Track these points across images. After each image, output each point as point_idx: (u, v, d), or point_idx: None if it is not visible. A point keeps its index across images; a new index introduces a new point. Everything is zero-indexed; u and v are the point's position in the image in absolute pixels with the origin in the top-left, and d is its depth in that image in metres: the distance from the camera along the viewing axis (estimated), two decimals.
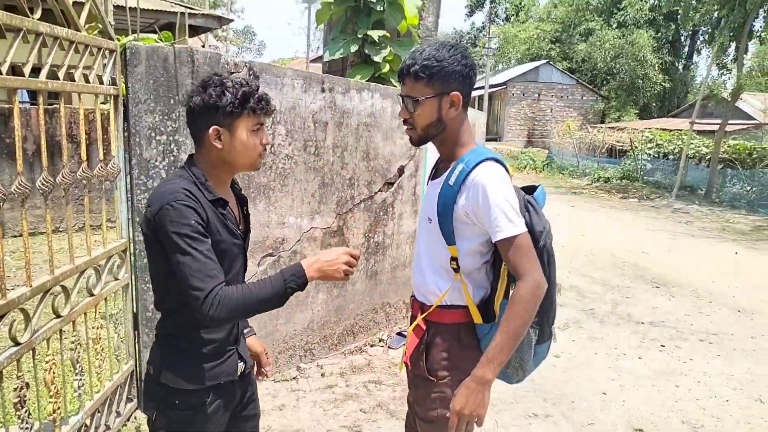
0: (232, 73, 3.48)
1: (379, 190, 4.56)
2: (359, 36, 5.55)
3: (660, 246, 9.34)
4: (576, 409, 3.76)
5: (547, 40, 37.95)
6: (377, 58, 5.50)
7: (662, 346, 4.95)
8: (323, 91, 4.03)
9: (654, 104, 34.57)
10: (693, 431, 3.56)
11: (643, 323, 5.51)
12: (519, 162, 23.68)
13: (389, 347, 4.55)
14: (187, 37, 12.28)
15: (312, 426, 3.41)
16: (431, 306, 1.94)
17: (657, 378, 4.29)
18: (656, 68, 32.49)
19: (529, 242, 1.75)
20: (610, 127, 25.54)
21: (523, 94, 35.84)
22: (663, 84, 33.10)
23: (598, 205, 14.29)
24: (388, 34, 5.60)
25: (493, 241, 1.76)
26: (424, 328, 1.96)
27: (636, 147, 19.55)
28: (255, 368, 2.13)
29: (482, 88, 33.94)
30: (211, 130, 1.64)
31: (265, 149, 1.75)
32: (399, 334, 4.74)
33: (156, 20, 11.71)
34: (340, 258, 1.69)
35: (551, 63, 36.30)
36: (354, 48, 5.59)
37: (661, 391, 4.07)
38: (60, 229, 7.20)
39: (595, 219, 11.97)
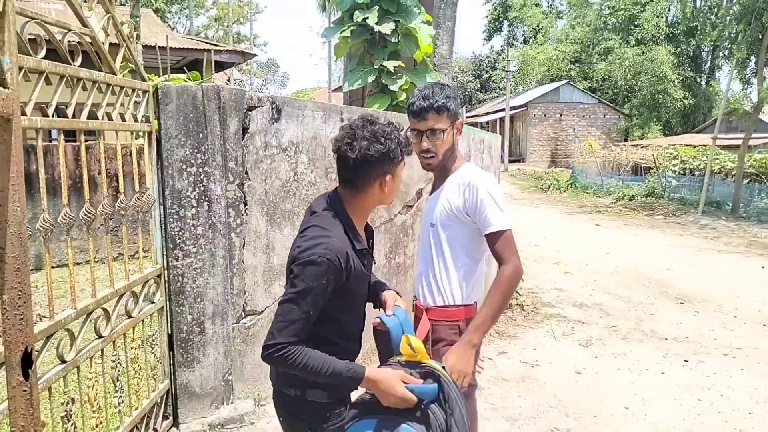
0: (253, 107, 3.70)
1: (399, 213, 4.73)
2: (376, 67, 5.79)
3: (685, 262, 9.31)
4: (598, 424, 3.82)
5: (566, 60, 38.10)
6: (394, 87, 5.73)
7: (685, 361, 4.97)
8: (342, 120, 4.24)
9: (677, 120, 34.31)
10: None
11: (666, 339, 5.54)
12: (543, 183, 23.69)
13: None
14: (213, 74, 12.75)
15: None
16: (434, 306, 2.16)
17: (680, 392, 4.32)
18: (677, 84, 32.31)
19: (512, 237, 2.12)
20: (633, 145, 25.44)
21: (545, 115, 35.95)
22: (685, 100, 32.90)
23: (623, 223, 14.24)
24: (403, 64, 5.83)
25: (484, 233, 2.10)
26: (429, 326, 2.13)
27: (660, 164, 19.44)
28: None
29: (503, 110, 34.14)
30: (386, 178, 1.78)
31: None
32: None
33: (183, 57, 12.20)
34: (396, 394, 1.71)
35: (572, 83, 36.42)
36: (371, 78, 5.83)
37: (684, 405, 4.10)
38: (98, 259, 7.50)
39: (620, 237, 11.95)
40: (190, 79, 3.71)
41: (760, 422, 3.86)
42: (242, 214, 3.70)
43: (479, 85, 50.77)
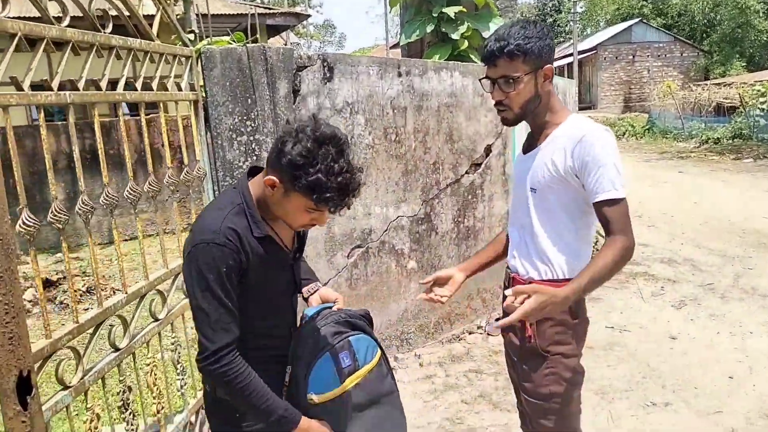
0: (303, 66, 3.42)
1: (466, 173, 4.38)
2: (434, 15, 5.37)
3: None
4: (700, 396, 3.43)
5: None
6: (455, 36, 5.30)
7: None
8: (400, 75, 3.91)
9: (762, 55, 31.59)
10: None
11: None
12: (616, 129, 22.45)
13: (488, 334, 4.38)
14: (263, 37, 12.54)
15: (413, 418, 3.33)
16: (540, 280, 1.84)
17: None
18: (761, 15, 29.60)
19: (628, 206, 1.73)
20: (715, 84, 23.61)
21: (616, 57, 33.96)
22: None
23: (709, 168, 13.22)
24: (464, 9, 5.38)
25: (594, 200, 1.71)
26: None
27: (747, 102, 17.92)
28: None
29: (570, 55, 32.46)
30: (267, 178, 1.49)
31: (313, 226, 1.61)
32: (497, 320, 4.56)
33: (238, 24, 12.05)
34: None
35: (645, 21, 34.11)
36: (430, 28, 5.42)
37: None
38: (148, 234, 7.58)
39: (707, 184, 11.07)
40: (234, 41, 3.46)
41: None
42: None
43: None
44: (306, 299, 1.86)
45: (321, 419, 1.61)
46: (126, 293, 2.47)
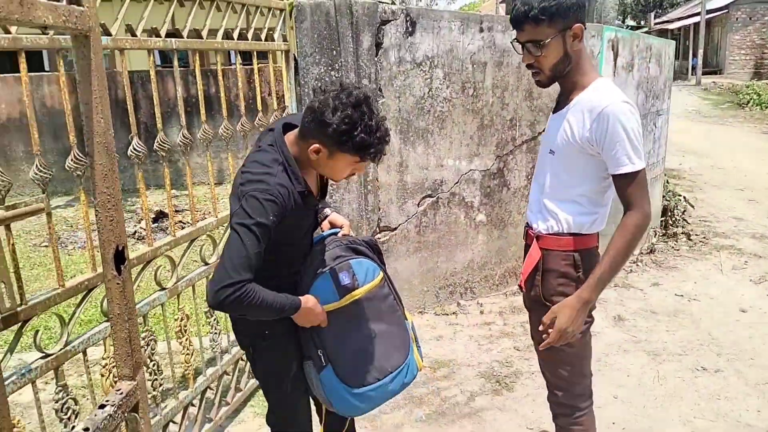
0: (387, 20, 3.62)
1: (544, 130, 4.44)
2: None
3: None
4: (754, 366, 3.43)
5: None
6: None
7: None
8: (482, 31, 4.01)
9: None
10: None
11: None
12: (741, 97, 20.74)
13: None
14: None
15: (466, 358, 3.59)
16: (547, 234, 1.96)
17: None
18: None
19: (645, 177, 1.79)
20: None
21: (750, 18, 30.93)
22: None
23: None
24: None
25: (612, 173, 1.79)
26: (540, 255, 1.98)
27: None
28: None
29: (698, 14, 29.98)
30: (313, 145, 1.70)
31: (353, 174, 1.85)
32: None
33: None
34: (318, 318, 1.85)
35: None
36: None
37: None
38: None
39: None
40: None
41: None
42: None
43: None
44: (320, 224, 2.11)
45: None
46: (216, 217, 2.87)
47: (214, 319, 2.86)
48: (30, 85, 2.08)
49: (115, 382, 1.68)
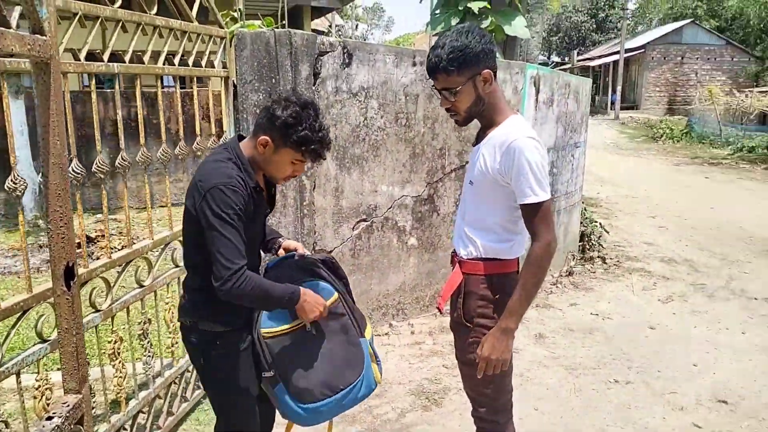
0: (325, 52, 3.79)
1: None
2: (460, 8, 5.66)
3: None
4: (660, 378, 3.74)
5: None
6: None
7: None
8: (414, 65, 4.25)
9: None
10: None
11: (756, 299, 5.20)
12: (655, 132, 22.22)
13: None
14: (306, 18, 12.91)
15: (397, 376, 3.72)
16: (467, 259, 2.12)
17: (757, 353, 4.10)
18: None
19: (550, 209, 1.95)
20: (760, 92, 23.09)
21: (664, 58, 33.29)
22: None
23: (736, 176, 13.17)
24: (488, 6, 5.66)
25: (519, 203, 1.95)
26: (461, 278, 2.14)
27: None
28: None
29: (617, 53, 31.98)
30: (261, 138, 1.88)
31: (294, 176, 2.01)
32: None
33: (283, 3, 12.42)
34: (318, 308, 1.97)
35: (697, 22, 33.29)
36: (455, 21, 5.72)
37: (758, 367, 3.90)
38: (178, 201, 8.07)
39: (730, 191, 11.10)
40: (264, 26, 3.85)
41: None
42: None
43: (595, 26, 47.58)
44: (276, 252, 2.24)
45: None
46: (152, 239, 2.91)
47: (148, 342, 2.88)
48: None
49: (48, 404, 1.72)
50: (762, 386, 3.65)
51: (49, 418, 1.33)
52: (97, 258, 6.36)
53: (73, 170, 2.37)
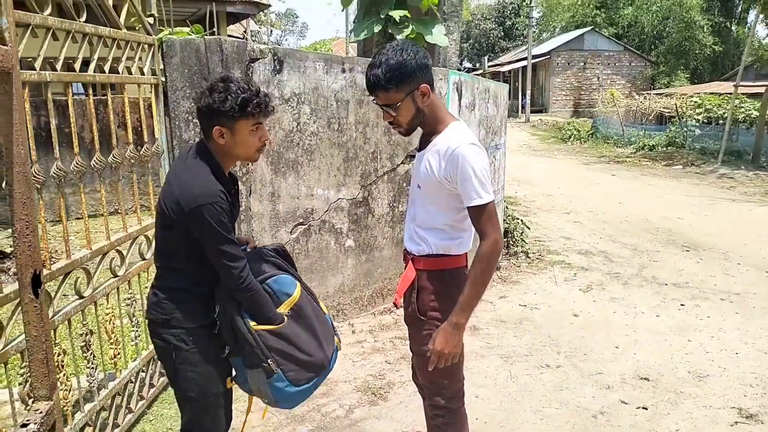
0: (255, 59, 3.83)
1: (402, 162, 4.87)
2: (382, 17, 5.80)
3: (697, 212, 9.32)
4: (587, 361, 4.02)
5: (591, 5, 36.94)
6: (400, 37, 5.75)
7: (682, 305, 5.11)
8: (344, 71, 4.35)
9: (706, 68, 33.31)
10: (697, 380, 3.77)
11: (666, 284, 5.67)
12: (563, 133, 23.43)
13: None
14: (222, 24, 12.74)
15: (342, 375, 3.80)
16: (419, 256, 2.25)
17: (671, 334, 4.49)
18: (706, 30, 31.23)
19: (494, 209, 2.08)
20: (657, 94, 24.89)
21: (568, 63, 35.16)
22: (714, 46, 31.84)
23: (640, 173, 14.16)
24: (409, 14, 5.83)
25: (466, 206, 2.08)
26: (414, 274, 2.26)
27: (683, 112, 19.07)
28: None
29: (525, 59, 33.46)
30: (214, 130, 1.96)
31: (264, 145, 2.07)
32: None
33: (198, 9, 12.21)
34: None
35: (596, 30, 35.41)
36: (377, 28, 5.84)
37: (673, 345, 4.27)
38: (113, 210, 7.80)
39: (635, 187, 11.93)
40: (193, 33, 3.83)
41: (744, 361, 4.02)
42: (247, 164, 3.87)
43: (503, 33, 49.54)
44: None
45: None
46: (90, 249, 2.84)
47: (91, 354, 2.81)
48: None
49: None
50: (677, 363, 4.00)
51: (24, 425, 1.33)
52: (15, 275, 6.04)
53: None
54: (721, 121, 17.58)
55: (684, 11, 30.57)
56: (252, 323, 2.04)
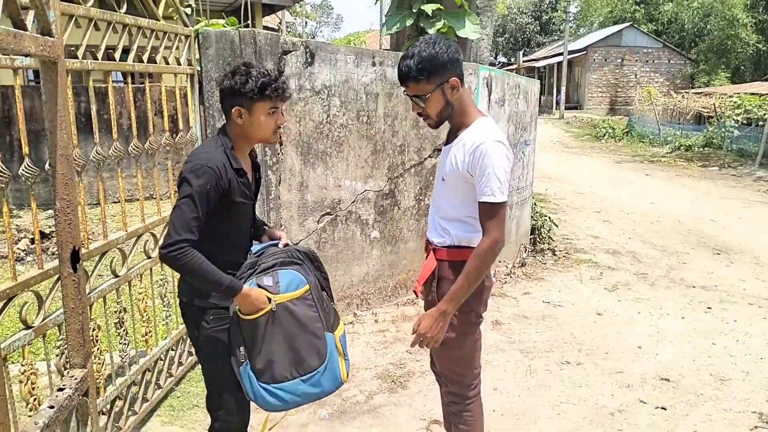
0: (288, 51, 3.91)
1: (429, 156, 4.91)
2: (414, 11, 5.84)
3: (731, 214, 9.13)
4: (608, 359, 4.03)
5: (631, 1, 36.19)
6: (431, 31, 5.78)
7: (708, 308, 5.06)
8: (374, 64, 4.41)
9: (748, 67, 32.35)
10: (719, 383, 3.74)
11: (694, 287, 5.60)
12: (598, 131, 23.10)
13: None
14: (258, 15, 12.91)
15: (363, 362, 3.88)
16: (441, 246, 2.31)
17: (696, 336, 4.45)
18: (749, 28, 30.32)
19: (504, 211, 2.11)
20: (696, 93, 24.31)
21: (605, 60, 34.58)
22: (758, 45, 30.92)
23: (675, 173, 13.90)
24: (442, 7, 5.86)
25: (478, 200, 2.12)
26: (436, 264, 2.32)
27: (721, 113, 18.61)
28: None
29: (560, 54, 33.02)
30: (233, 110, 2.07)
31: (279, 128, 2.17)
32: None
33: (235, 0, 12.39)
34: (258, 306, 2.07)
35: (635, 26, 34.70)
36: (409, 22, 5.89)
37: (697, 348, 4.24)
38: (149, 195, 8.02)
39: (669, 187, 11.73)
40: (228, 25, 3.94)
41: None
42: (278, 153, 3.97)
43: (539, 28, 48.93)
44: (260, 240, 2.39)
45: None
46: (126, 231, 2.98)
47: (124, 330, 2.95)
48: None
49: (33, 389, 1.81)
50: (700, 365, 3.97)
51: (61, 389, 1.43)
52: (53, 253, 6.27)
53: (26, 167, 2.18)
54: (761, 123, 17.11)
55: (726, 8, 29.69)
56: (236, 306, 2.09)
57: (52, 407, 1.37)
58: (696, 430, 3.21)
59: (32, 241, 6.62)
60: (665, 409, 3.41)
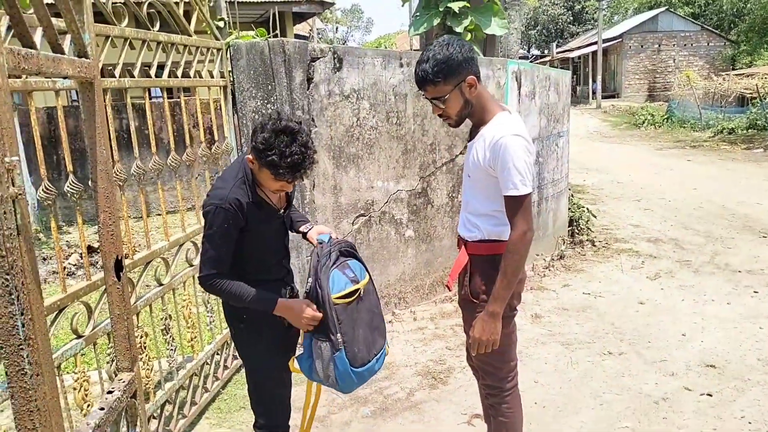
0: (316, 57, 3.98)
1: (460, 153, 4.93)
2: (441, 9, 5.87)
3: None
4: (651, 348, 3.97)
5: None
6: (459, 29, 5.80)
7: (755, 292, 4.92)
8: (401, 66, 4.46)
9: None
10: (767, 367, 3.66)
11: (739, 272, 5.46)
12: (636, 118, 22.60)
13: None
14: (289, 24, 13.10)
15: (403, 359, 3.93)
16: (472, 241, 2.34)
17: (741, 321, 4.35)
18: None
19: (530, 202, 2.14)
20: (737, 74, 23.55)
21: (642, 46, 33.84)
22: None
23: (718, 157, 13.50)
24: (468, 5, 5.87)
25: (503, 194, 2.15)
26: (467, 259, 2.35)
27: (766, 93, 17.99)
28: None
29: (595, 43, 32.42)
30: (249, 157, 2.08)
31: (284, 191, 2.20)
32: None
33: (265, 11, 12.62)
34: (304, 317, 2.16)
35: (671, 10, 33.85)
36: (437, 21, 5.92)
37: (743, 333, 4.14)
38: (190, 206, 8.24)
39: (711, 172, 11.41)
40: (257, 36, 4.04)
41: None
42: None
43: (572, 18, 48.16)
44: (305, 235, 2.46)
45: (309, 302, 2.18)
46: (168, 241, 3.10)
47: (170, 336, 3.07)
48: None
49: (86, 396, 1.91)
50: (747, 350, 3.89)
51: (110, 392, 1.52)
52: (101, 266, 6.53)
53: (71, 185, 2.20)
54: None
55: None
56: (333, 295, 2.17)
57: (102, 409, 1.46)
58: (744, 415, 3.14)
59: (81, 255, 6.89)
60: (711, 395, 3.35)
